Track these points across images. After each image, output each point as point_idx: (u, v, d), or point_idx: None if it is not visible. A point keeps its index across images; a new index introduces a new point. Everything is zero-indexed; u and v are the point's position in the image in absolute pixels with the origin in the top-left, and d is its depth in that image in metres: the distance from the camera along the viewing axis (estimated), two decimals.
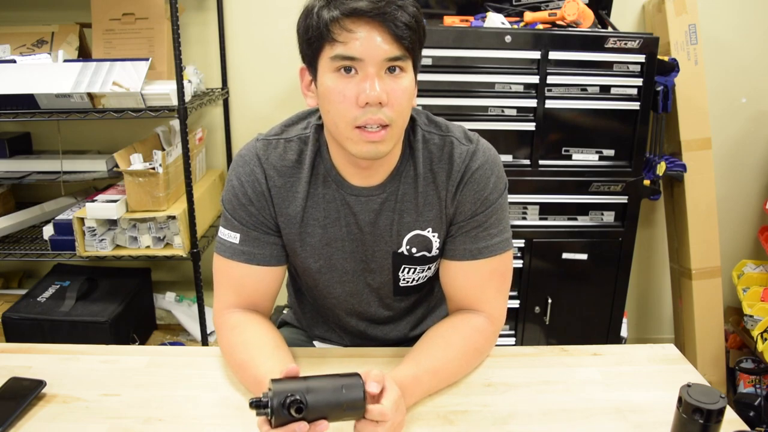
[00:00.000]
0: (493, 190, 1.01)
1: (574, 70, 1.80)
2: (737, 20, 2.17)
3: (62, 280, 2.01)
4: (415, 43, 0.89)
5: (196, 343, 2.03)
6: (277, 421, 0.76)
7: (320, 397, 0.77)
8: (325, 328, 1.22)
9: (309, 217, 1.02)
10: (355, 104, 0.87)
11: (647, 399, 0.98)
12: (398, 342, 1.19)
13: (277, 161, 1.01)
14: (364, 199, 1.01)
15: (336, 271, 1.06)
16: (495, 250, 1.02)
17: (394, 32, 0.86)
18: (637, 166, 1.88)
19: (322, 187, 1.01)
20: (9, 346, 1.11)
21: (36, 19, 2.04)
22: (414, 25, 0.88)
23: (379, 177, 1.01)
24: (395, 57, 0.87)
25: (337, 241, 1.04)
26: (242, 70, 2.18)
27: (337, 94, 0.88)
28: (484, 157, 1.01)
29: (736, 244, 2.39)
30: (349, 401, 0.78)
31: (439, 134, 1.02)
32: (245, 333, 1.00)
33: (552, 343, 2.02)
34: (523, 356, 1.11)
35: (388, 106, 0.88)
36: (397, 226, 1.03)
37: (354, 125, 0.89)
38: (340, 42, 0.86)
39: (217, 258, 1.04)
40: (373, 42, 0.85)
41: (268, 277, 1.04)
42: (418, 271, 1.08)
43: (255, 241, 1.02)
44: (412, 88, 0.92)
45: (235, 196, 1.01)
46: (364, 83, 0.87)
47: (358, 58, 0.86)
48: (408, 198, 1.02)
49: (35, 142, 2.20)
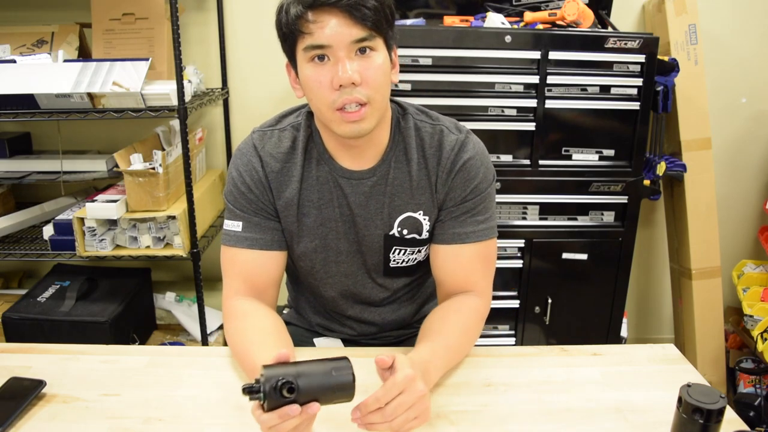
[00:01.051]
0: (483, 180, 1.07)
1: (574, 70, 1.80)
2: (737, 20, 2.17)
3: (62, 280, 2.01)
4: (381, 21, 0.94)
5: (196, 343, 2.03)
6: (270, 404, 0.77)
7: (311, 381, 0.78)
8: (325, 317, 1.24)
9: (304, 199, 1.07)
10: (330, 88, 0.94)
11: (647, 399, 0.98)
12: (397, 328, 1.23)
13: (273, 149, 1.07)
14: (354, 182, 1.07)
15: (331, 250, 1.11)
16: (481, 236, 1.08)
17: (355, 15, 0.91)
18: (637, 166, 1.88)
19: (315, 169, 1.07)
20: (9, 346, 1.11)
21: (36, 19, 2.04)
22: (375, 4, 0.92)
23: (369, 160, 1.06)
24: (361, 38, 0.93)
25: (331, 222, 1.09)
26: (242, 70, 2.18)
27: (314, 81, 0.95)
28: (474, 149, 1.07)
29: (736, 244, 2.39)
30: (339, 384, 0.79)
31: (430, 123, 1.09)
32: (248, 322, 1.03)
33: (552, 343, 2.02)
34: (523, 356, 1.11)
35: (363, 85, 0.94)
36: (389, 209, 1.08)
37: (334, 108, 0.95)
38: (308, 33, 0.93)
39: (223, 249, 1.09)
40: (337, 28, 0.92)
41: (270, 262, 1.08)
42: (408, 253, 1.12)
43: (257, 227, 1.07)
44: (386, 65, 0.97)
45: (235, 186, 1.07)
46: (335, 67, 0.93)
47: (326, 45, 0.92)
48: (399, 182, 1.07)
49: (35, 142, 2.20)
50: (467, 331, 1.05)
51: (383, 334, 1.24)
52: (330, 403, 0.81)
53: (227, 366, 1.05)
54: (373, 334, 1.23)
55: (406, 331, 1.26)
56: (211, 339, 2.03)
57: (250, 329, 1.01)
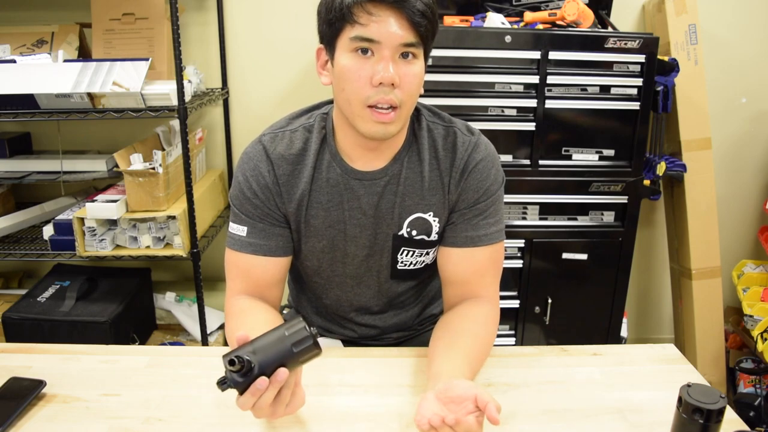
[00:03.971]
0: (494, 182, 1.07)
1: (574, 70, 1.80)
2: (737, 20, 2.17)
3: (62, 280, 2.01)
4: (429, 33, 0.94)
5: (196, 343, 2.03)
6: (240, 387, 0.78)
7: (267, 350, 0.79)
8: (326, 318, 1.25)
9: (313, 200, 1.07)
10: (369, 83, 0.93)
11: (647, 399, 0.98)
12: (400, 330, 1.23)
13: (285, 150, 1.06)
14: (367, 183, 1.05)
15: (338, 251, 1.11)
16: (492, 239, 1.07)
17: (412, 19, 0.91)
18: (637, 166, 1.88)
19: (326, 171, 1.06)
20: (9, 346, 1.11)
21: (36, 19, 2.04)
22: (430, 15, 0.93)
23: (382, 160, 1.05)
24: (410, 43, 0.92)
25: (340, 224, 1.08)
26: (242, 70, 2.18)
27: (353, 73, 0.93)
28: (486, 150, 1.07)
29: (736, 244, 2.39)
30: (297, 341, 0.79)
31: (443, 124, 1.09)
32: (247, 319, 1.03)
33: (552, 343, 2.02)
34: (523, 356, 1.11)
35: (400, 88, 0.93)
36: (399, 208, 1.07)
37: (366, 104, 0.94)
38: (361, 24, 0.91)
39: (227, 252, 1.09)
40: (391, 26, 0.91)
41: (274, 268, 1.08)
42: (416, 255, 1.11)
43: (261, 232, 1.06)
44: (421, 75, 0.97)
45: (241, 191, 1.06)
46: (378, 65, 0.92)
47: (375, 41, 0.91)
48: (410, 182, 1.06)
49: (35, 142, 2.20)
50: (489, 344, 1.05)
51: (384, 336, 1.24)
52: (301, 364, 0.81)
53: None
54: (373, 336, 1.23)
55: (406, 333, 1.26)
56: (211, 339, 2.03)
57: (249, 324, 1.01)
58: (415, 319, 1.25)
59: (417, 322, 1.26)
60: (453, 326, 1.04)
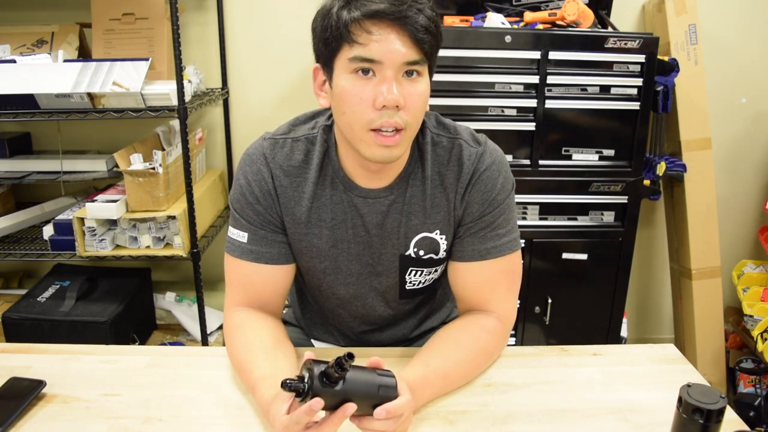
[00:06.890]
0: (501, 191, 1.01)
1: (574, 70, 1.80)
2: (737, 20, 2.17)
3: (62, 280, 2.01)
4: (433, 48, 0.89)
5: (196, 343, 2.03)
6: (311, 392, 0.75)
7: (357, 378, 0.79)
8: (323, 330, 1.22)
9: (315, 218, 1.02)
10: (371, 107, 0.87)
11: (647, 399, 0.98)
12: (396, 343, 1.19)
13: (284, 161, 1.00)
14: (371, 201, 1.01)
15: (341, 272, 1.06)
16: (503, 250, 1.02)
17: (414, 36, 0.85)
18: (637, 166, 1.88)
19: (329, 188, 1.01)
20: (9, 346, 1.11)
21: (36, 19, 2.04)
22: (433, 29, 0.87)
23: (387, 179, 1.00)
24: (414, 61, 0.87)
25: (344, 243, 1.03)
26: (242, 70, 2.18)
27: (353, 95, 0.88)
28: (491, 158, 1.01)
29: (736, 244, 2.39)
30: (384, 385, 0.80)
31: (448, 136, 1.02)
32: (246, 334, 1.00)
33: (552, 343, 2.02)
34: (523, 356, 1.11)
35: (404, 110, 0.88)
36: (405, 228, 1.02)
37: (369, 128, 0.88)
38: (360, 43, 0.85)
39: (227, 258, 1.05)
40: (392, 45, 0.85)
41: (276, 276, 1.04)
42: (425, 274, 1.07)
43: (263, 240, 1.02)
44: (427, 93, 0.92)
45: (243, 195, 1.01)
46: (381, 86, 0.86)
47: (377, 61, 0.85)
48: (416, 200, 1.01)
49: (35, 142, 2.20)
50: (474, 356, 1.01)
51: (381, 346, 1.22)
52: (370, 407, 0.80)
53: (227, 366, 1.05)
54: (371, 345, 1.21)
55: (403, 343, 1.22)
56: (211, 339, 2.03)
57: (249, 343, 0.98)
58: (413, 330, 1.21)
59: (415, 335, 1.22)
60: (446, 337, 1.02)
